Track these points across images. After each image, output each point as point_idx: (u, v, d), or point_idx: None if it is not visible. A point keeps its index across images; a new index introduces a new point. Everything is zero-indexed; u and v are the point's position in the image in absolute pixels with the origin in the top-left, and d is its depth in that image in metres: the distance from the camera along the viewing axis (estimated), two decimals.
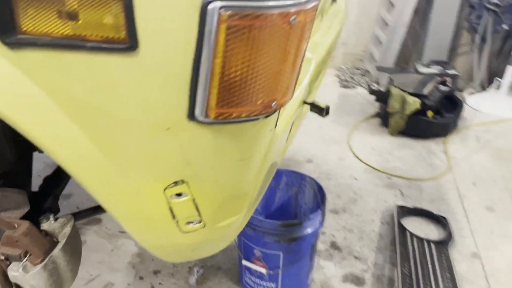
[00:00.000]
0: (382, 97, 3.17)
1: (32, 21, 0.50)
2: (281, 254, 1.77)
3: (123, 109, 0.58)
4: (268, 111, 0.59)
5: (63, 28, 0.50)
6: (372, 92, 3.22)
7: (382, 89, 3.26)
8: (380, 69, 3.57)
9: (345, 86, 3.92)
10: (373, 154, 3.00)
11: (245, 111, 0.57)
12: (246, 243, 1.79)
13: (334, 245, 2.21)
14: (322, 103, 1.08)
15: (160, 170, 0.65)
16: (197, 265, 2.05)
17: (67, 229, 0.92)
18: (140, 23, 0.51)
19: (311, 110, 1.09)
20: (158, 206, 0.68)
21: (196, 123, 0.58)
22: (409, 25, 3.68)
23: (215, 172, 0.65)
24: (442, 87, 3.15)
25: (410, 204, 2.47)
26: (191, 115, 0.58)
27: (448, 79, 3.27)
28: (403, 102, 3.05)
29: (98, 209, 1.16)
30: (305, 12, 0.54)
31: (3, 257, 0.85)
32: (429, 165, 2.88)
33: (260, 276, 1.82)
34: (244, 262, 1.84)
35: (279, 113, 0.68)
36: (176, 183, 0.66)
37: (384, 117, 3.23)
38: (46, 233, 0.89)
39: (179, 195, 0.68)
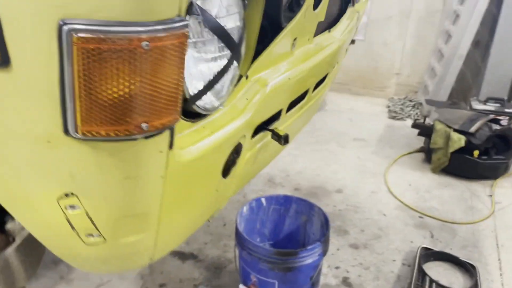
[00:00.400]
0: (426, 131, 3.03)
1: None
2: (277, 283, 1.73)
3: (7, 121, 0.63)
4: (139, 131, 0.61)
5: None
6: (414, 125, 3.08)
7: (430, 123, 3.10)
8: (430, 102, 3.41)
9: (393, 118, 3.79)
10: (409, 191, 2.85)
11: (112, 130, 0.60)
12: (243, 267, 1.78)
13: (346, 281, 2.12)
14: (281, 131, 1.07)
15: (48, 181, 0.68)
16: (202, 283, 2.07)
17: (27, 231, 0.99)
18: (10, 41, 0.56)
19: (271, 137, 1.08)
20: (56, 216, 0.72)
21: (72, 138, 0.62)
22: (468, 58, 3.49)
23: (102, 188, 0.68)
24: (494, 126, 2.94)
25: (439, 247, 2.31)
26: (66, 131, 0.62)
27: (503, 117, 3.04)
28: (447, 138, 2.89)
29: None
30: (161, 38, 0.56)
31: None
32: (469, 208, 2.68)
33: None
34: (241, 287, 1.82)
35: (171, 135, 0.69)
36: (67, 195, 0.69)
37: (428, 153, 3.08)
38: (5, 232, 0.96)
39: (72, 207, 0.71)
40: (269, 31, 1.01)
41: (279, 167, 3.09)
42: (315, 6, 1.16)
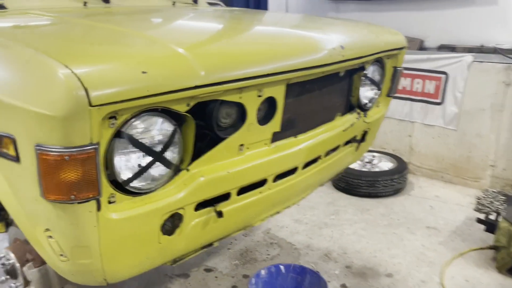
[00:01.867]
0: (491, 228, 2.99)
1: None
2: None
3: (24, 190, 1.25)
4: (71, 200, 1.14)
5: None
6: (479, 221, 3.06)
7: (497, 220, 3.05)
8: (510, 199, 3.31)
9: (479, 210, 3.69)
10: (463, 287, 2.83)
11: (58, 198, 1.13)
12: None
13: None
14: (219, 208, 1.47)
15: (39, 220, 1.25)
16: None
17: None
18: (19, 149, 1.19)
19: (213, 211, 1.49)
20: (45, 241, 1.28)
21: (44, 199, 1.19)
22: None
23: (61, 227, 1.21)
24: None
25: None
26: (41, 195, 1.19)
27: None
28: (510, 238, 2.83)
29: None
30: (76, 155, 1.10)
31: (26, 259, 1.58)
32: None
33: None
34: None
35: (97, 202, 1.20)
36: (47, 229, 1.25)
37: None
38: None
39: (50, 237, 1.26)
40: (215, 139, 1.50)
41: (341, 244, 3.33)
42: (265, 122, 1.61)
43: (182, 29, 1.85)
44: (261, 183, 1.64)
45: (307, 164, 1.77)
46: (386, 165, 4.30)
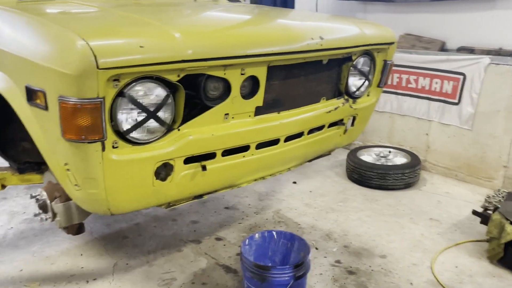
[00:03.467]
0: (485, 221, 3.16)
1: None
2: None
3: (50, 132, 1.65)
4: (83, 140, 1.52)
5: None
6: (474, 213, 3.22)
7: (490, 213, 3.21)
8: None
9: (485, 208, 3.83)
10: (451, 271, 3.00)
11: (73, 137, 1.53)
12: (243, 275, 2.48)
13: None
14: (205, 164, 1.81)
15: (60, 156, 1.64)
16: None
17: None
18: (48, 100, 1.59)
19: (200, 165, 1.83)
20: (65, 174, 1.68)
21: (64, 139, 1.59)
22: None
23: (75, 162, 1.59)
24: None
25: None
26: (62, 135, 1.58)
27: None
28: (501, 229, 2.99)
29: None
30: (86, 104, 1.47)
31: (54, 196, 2.00)
32: None
33: None
34: None
35: (102, 144, 1.57)
36: (66, 163, 1.64)
37: None
38: None
39: (68, 170, 1.65)
40: (204, 106, 1.84)
41: (343, 227, 3.58)
42: (249, 97, 1.93)
43: (185, 18, 2.22)
44: (245, 148, 1.97)
45: (289, 138, 2.08)
46: (400, 160, 4.48)
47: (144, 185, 1.73)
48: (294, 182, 4.45)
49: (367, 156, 4.53)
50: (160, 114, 1.69)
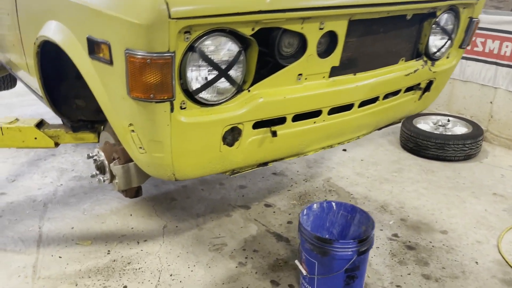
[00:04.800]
0: None
1: None
2: (316, 264, 2.24)
3: (114, 90, 1.51)
4: (151, 99, 1.37)
5: None
6: None
7: None
8: None
9: None
10: None
11: (140, 96, 1.37)
12: (300, 246, 2.36)
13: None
14: (275, 129, 1.64)
15: (125, 116, 1.51)
16: (283, 260, 2.69)
17: None
18: (113, 54, 1.44)
19: (269, 131, 1.67)
20: (129, 135, 1.55)
21: (130, 97, 1.44)
22: None
23: (141, 123, 1.45)
24: None
25: None
26: (128, 94, 1.44)
27: None
28: None
29: None
30: (156, 59, 1.31)
31: (112, 157, 1.90)
32: None
33: (304, 277, 2.34)
34: (296, 262, 2.40)
35: (171, 104, 1.42)
36: (130, 124, 1.51)
37: None
38: None
39: (133, 131, 1.53)
40: (276, 65, 1.65)
41: (399, 199, 3.40)
42: (325, 55, 1.72)
43: None
44: (316, 113, 1.79)
45: (363, 103, 1.88)
46: (460, 130, 4.19)
47: (211, 150, 1.59)
48: (344, 150, 4.25)
49: (424, 125, 4.26)
50: (232, 72, 1.53)
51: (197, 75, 1.46)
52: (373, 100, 1.94)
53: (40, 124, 2.40)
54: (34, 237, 2.87)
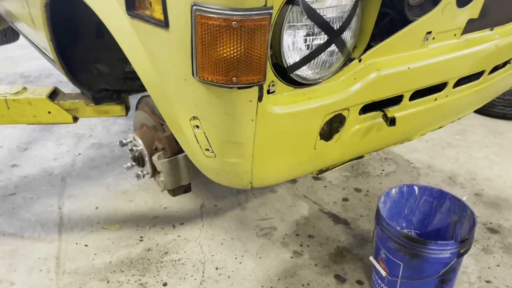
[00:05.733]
0: None
1: None
2: (402, 265, 1.82)
3: (166, 64, 0.99)
4: (231, 83, 0.88)
5: None
6: None
7: None
8: None
9: None
10: None
11: (215, 79, 0.88)
12: (377, 241, 1.93)
13: None
14: (391, 113, 1.16)
15: (185, 105, 1.02)
16: (345, 248, 2.29)
17: None
18: (169, 13, 0.90)
19: (382, 117, 1.18)
20: (190, 132, 1.07)
21: (196, 80, 0.94)
22: None
23: (211, 117, 0.98)
24: None
25: None
26: (193, 74, 0.94)
27: None
28: None
29: None
30: (245, 21, 0.80)
31: (154, 147, 1.42)
32: None
33: (382, 278, 1.93)
34: (371, 259, 1.98)
35: (260, 90, 0.93)
36: (194, 117, 1.02)
37: None
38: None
39: (197, 127, 1.04)
40: (397, 22, 1.13)
41: (468, 168, 2.94)
42: (464, 3, 1.18)
43: None
44: (439, 87, 1.27)
45: (494, 68, 1.36)
46: None
47: (304, 148, 1.11)
48: None
49: None
50: (345, 34, 1.00)
51: (296, 42, 0.95)
52: (506, 62, 1.41)
53: (54, 94, 1.92)
54: (54, 219, 2.48)
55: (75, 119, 1.96)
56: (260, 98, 0.95)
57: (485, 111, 3.50)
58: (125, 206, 2.58)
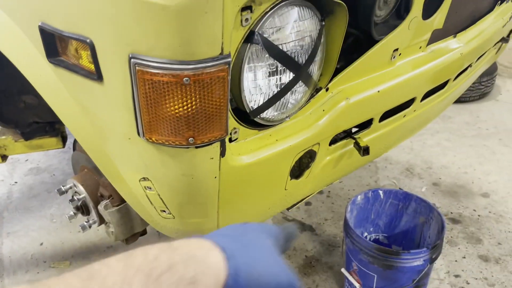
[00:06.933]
0: None
1: None
2: (376, 277, 1.76)
3: (105, 121, 0.83)
4: (187, 144, 0.74)
5: None
6: None
7: None
8: None
9: None
10: None
11: (166, 140, 0.74)
12: (347, 252, 1.86)
13: None
14: (363, 142, 1.07)
15: (132, 166, 0.87)
16: (314, 258, 2.20)
17: None
18: (102, 65, 0.74)
19: (353, 145, 1.09)
20: (140, 193, 0.91)
21: (143, 139, 0.78)
22: None
23: (166, 179, 0.84)
24: None
25: None
26: (138, 133, 0.78)
27: None
28: None
29: None
30: (199, 74, 0.66)
31: (99, 194, 1.24)
32: None
33: None
34: (343, 271, 1.91)
35: (222, 145, 0.80)
36: (144, 178, 0.87)
37: None
38: None
39: (149, 187, 0.89)
40: (363, 43, 1.02)
41: (423, 157, 2.95)
42: (429, 15, 1.10)
43: None
44: (407, 103, 1.19)
45: (459, 73, 1.29)
46: None
47: (274, 192, 0.99)
48: None
49: None
50: (311, 66, 0.88)
51: (258, 83, 0.81)
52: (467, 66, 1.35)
53: None
54: None
55: (4, 157, 1.72)
56: (222, 154, 0.81)
57: None
58: (73, 238, 2.35)
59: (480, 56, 1.45)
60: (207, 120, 0.73)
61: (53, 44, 0.82)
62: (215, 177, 0.83)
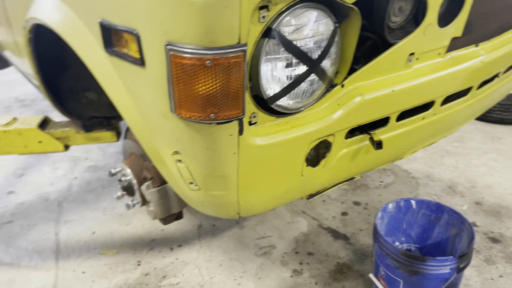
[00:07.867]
0: None
1: None
2: (402, 282, 1.80)
3: (146, 100, 0.99)
4: (209, 119, 0.87)
5: None
6: None
7: None
8: None
9: None
10: None
11: (192, 116, 0.87)
12: (376, 258, 1.91)
13: None
14: (377, 136, 1.14)
15: (166, 141, 1.01)
16: (345, 265, 2.26)
17: None
18: (145, 52, 0.89)
19: (369, 140, 1.17)
20: (173, 166, 1.06)
21: (176, 116, 0.93)
22: None
23: (193, 152, 0.97)
24: None
25: None
26: (171, 110, 0.93)
27: None
28: None
29: None
30: (219, 59, 0.79)
31: (143, 176, 1.41)
32: None
33: None
34: (371, 276, 1.95)
35: (240, 124, 0.92)
36: (176, 152, 1.01)
37: None
38: None
39: (180, 161, 1.03)
40: (379, 45, 1.12)
41: (467, 176, 2.91)
42: (446, 22, 1.17)
43: None
44: (426, 106, 1.26)
45: (483, 83, 1.34)
46: None
47: (290, 176, 1.10)
48: None
49: None
50: (325, 62, 0.99)
51: (275, 73, 0.93)
52: (493, 77, 1.40)
53: (44, 124, 1.91)
54: (51, 246, 2.45)
55: (66, 147, 1.95)
56: (240, 132, 0.94)
57: (483, 116, 3.48)
58: (122, 230, 2.56)
59: (510, 68, 1.48)
60: (226, 99, 0.86)
61: (109, 36, 1.00)
62: (234, 153, 0.95)
